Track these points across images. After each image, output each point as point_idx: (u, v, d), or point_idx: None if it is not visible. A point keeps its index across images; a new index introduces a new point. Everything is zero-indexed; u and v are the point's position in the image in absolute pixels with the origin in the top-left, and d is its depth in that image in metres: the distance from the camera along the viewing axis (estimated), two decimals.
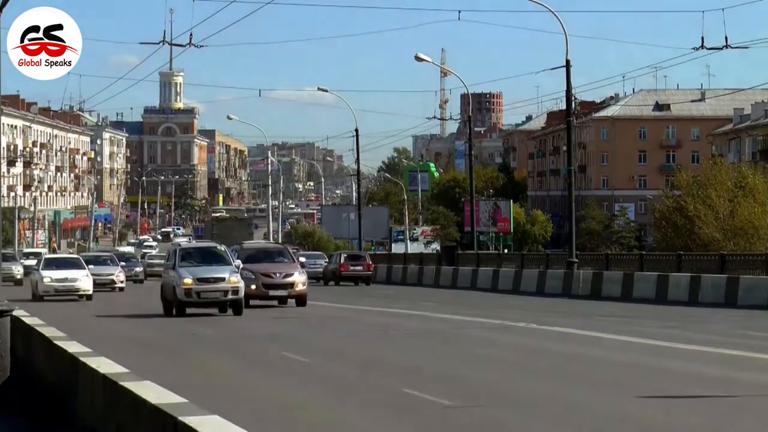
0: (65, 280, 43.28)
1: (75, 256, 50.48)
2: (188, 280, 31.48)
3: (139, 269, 66.83)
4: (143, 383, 9.36)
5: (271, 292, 35.48)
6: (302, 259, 74.04)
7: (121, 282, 52.15)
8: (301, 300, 35.73)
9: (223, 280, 31.71)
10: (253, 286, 34.54)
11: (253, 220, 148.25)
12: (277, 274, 35.38)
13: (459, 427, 13.00)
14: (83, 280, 43.58)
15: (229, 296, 31.79)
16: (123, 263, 58.88)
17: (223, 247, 34.76)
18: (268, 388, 16.64)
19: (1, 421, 13.82)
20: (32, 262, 62.18)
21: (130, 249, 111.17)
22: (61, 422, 12.81)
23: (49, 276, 43.37)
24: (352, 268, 59.65)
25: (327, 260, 65.57)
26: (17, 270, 62.49)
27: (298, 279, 35.70)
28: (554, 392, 15.50)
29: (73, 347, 12.94)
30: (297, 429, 13.27)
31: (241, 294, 31.85)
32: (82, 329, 24.66)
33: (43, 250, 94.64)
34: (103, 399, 10.38)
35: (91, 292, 43.49)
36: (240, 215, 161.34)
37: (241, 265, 33.64)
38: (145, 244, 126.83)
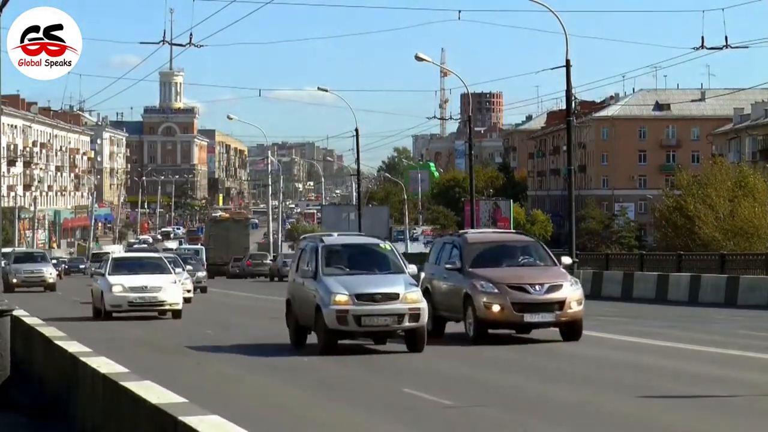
0: (144, 289, 31.60)
1: (156, 255, 38.74)
2: (342, 297, 20.22)
3: (202, 274, 53.97)
4: (143, 383, 9.36)
5: (528, 317, 22.02)
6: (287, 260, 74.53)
7: (188, 291, 39.49)
8: (574, 329, 22.50)
9: (396, 297, 20.41)
10: (497, 307, 21.90)
11: (250, 220, 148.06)
12: (536, 287, 22.17)
13: (459, 427, 13.01)
14: (169, 289, 31.85)
15: (406, 323, 20.40)
16: (189, 267, 47.56)
17: (389, 245, 22.65)
18: (269, 388, 16.65)
19: (1, 419, 13.82)
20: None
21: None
22: (61, 421, 12.81)
23: (121, 284, 31.49)
24: None
25: None
26: (49, 273, 53.35)
27: (571, 294, 22.28)
28: (553, 391, 15.50)
29: (73, 347, 12.94)
30: (297, 429, 13.27)
31: (423, 320, 20.56)
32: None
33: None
34: (103, 398, 10.39)
35: (180, 306, 32.01)
36: (239, 216, 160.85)
37: (468, 271, 22.71)
38: (135, 246, 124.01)
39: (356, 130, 73.66)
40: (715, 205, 67.34)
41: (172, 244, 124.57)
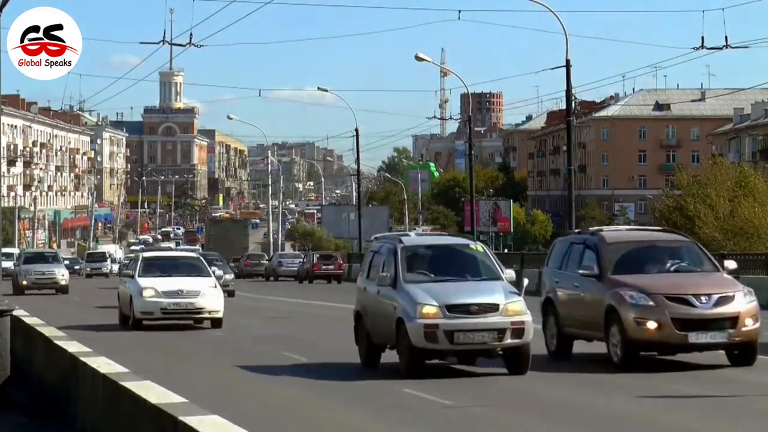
0: (180, 293, 27.40)
1: (192, 254, 33.72)
2: (431, 309, 16.84)
3: (229, 277, 47.70)
4: (143, 383, 9.37)
5: (693, 337, 17.48)
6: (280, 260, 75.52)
7: None
8: (747, 351, 17.94)
9: (495, 308, 16.97)
10: (652, 324, 17.36)
11: (250, 220, 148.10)
12: (702, 298, 17.68)
13: (459, 427, 13.01)
14: (208, 294, 27.63)
15: (507, 340, 16.90)
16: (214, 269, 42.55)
17: (480, 246, 18.97)
18: (268, 388, 16.65)
19: (1, 419, 13.82)
20: None
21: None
22: (61, 421, 12.81)
23: (153, 287, 27.39)
24: (324, 267, 63.82)
25: (302, 260, 69.34)
26: (61, 274, 49.25)
27: (745, 307, 17.83)
28: (554, 391, 15.50)
29: (73, 347, 12.94)
30: (297, 429, 13.27)
31: (528, 336, 17.05)
32: None
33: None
34: (103, 398, 10.39)
35: (221, 314, 27.75)
36: (238, 217, 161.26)
37: (611, 278, 18.20)
38: (132, 248, 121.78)
39: (356, 130, 73.83)
40: (715, 205, 67.34)
41: (169, 246, 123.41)
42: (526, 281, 19.20)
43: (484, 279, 17.75)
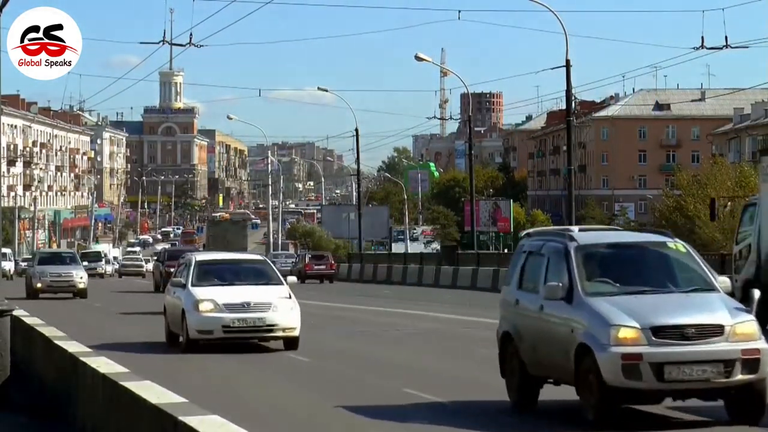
0: (247, 307, 21.88)
1: (258, 257, 26.86)
2: (630, 332, 12.25)
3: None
4: (143, 383, 9.36)
5: None
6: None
7: None
8: None
9: (718, 331, 12.34)
10: None
11: (250, 221, 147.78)
12: None
13: (459, 427, 13.01)
14: (281, 307, 22.02)
15: (737, 376, 12.21)
16: None
17: (682, 244, 13.75)
18: (269, 388, 16.65)
19: (1, 419, 13.82)
20: None
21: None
22: (60, 422, 12.82)
23: (212, 299, 21.92)
24: (316, 267, 64.97)
25: (294, 259, 70.36)
26: (79, 277, 45.17)
27: None
28: (556, 391, 15.50)
29: (73, 347, 12.94)
30: (297, 429, 13.28)
31: (764, 368, 12.35)
32: None
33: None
34: (102, 398, 10.39)
35: (297, 332, 22.08)
36: (237, 218, 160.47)
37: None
38: (129, 248, 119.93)
39: (356, 130, 73.92)
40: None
41: (163, 247, 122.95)
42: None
43: (695, 290, 13.05)
